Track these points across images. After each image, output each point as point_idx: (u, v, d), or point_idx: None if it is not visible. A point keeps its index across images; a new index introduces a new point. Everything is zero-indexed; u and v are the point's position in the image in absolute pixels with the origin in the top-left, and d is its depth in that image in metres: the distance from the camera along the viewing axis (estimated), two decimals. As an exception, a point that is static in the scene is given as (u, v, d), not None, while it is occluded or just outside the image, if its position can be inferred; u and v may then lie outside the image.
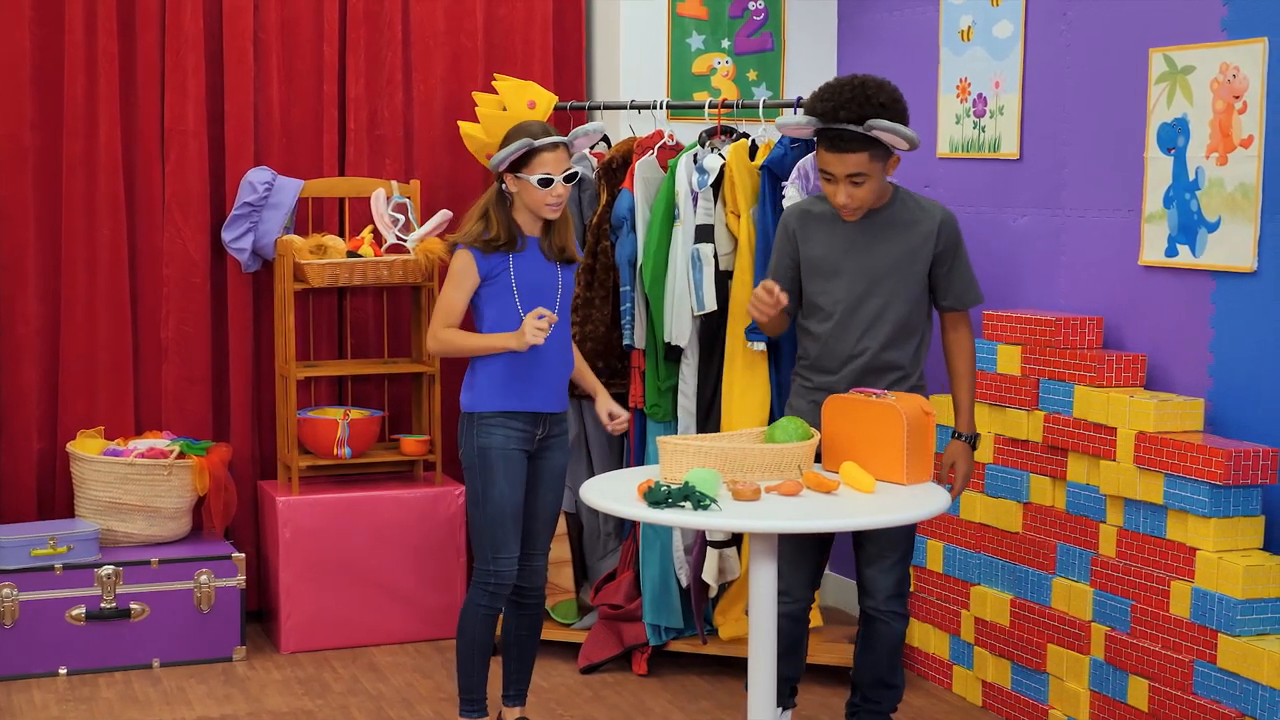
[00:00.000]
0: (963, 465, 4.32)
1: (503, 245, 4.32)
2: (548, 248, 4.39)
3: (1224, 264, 4.42)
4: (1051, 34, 5.08)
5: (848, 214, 4.18)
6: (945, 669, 5.24)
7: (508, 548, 4.37)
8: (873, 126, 4.01)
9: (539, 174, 4.29)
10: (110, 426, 5.69)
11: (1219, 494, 4.18)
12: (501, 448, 4.34)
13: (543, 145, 4.28)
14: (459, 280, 4.35)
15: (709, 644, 5.36)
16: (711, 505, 3.70)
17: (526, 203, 4.34)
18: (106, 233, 5.65)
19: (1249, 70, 4.30)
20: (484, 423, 4.35)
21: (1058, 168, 5.08)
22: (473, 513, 4.41)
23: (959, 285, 4.28)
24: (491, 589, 4.39)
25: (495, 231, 4.32)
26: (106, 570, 5.34)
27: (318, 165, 5.94)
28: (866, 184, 4.11)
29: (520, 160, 4.30)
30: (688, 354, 5.27)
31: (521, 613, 4.56)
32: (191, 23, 5.68)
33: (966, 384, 4.33)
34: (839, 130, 4.05)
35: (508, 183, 4.34)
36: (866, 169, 4.08)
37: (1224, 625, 4.13)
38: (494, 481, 4.34)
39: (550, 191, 4.30)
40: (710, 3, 6.03)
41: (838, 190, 4.12)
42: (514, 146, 4.28)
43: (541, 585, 4.56)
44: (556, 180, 4.30)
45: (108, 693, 5.19)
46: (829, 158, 4.10)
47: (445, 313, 4.37)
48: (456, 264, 4.36)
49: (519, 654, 4.61)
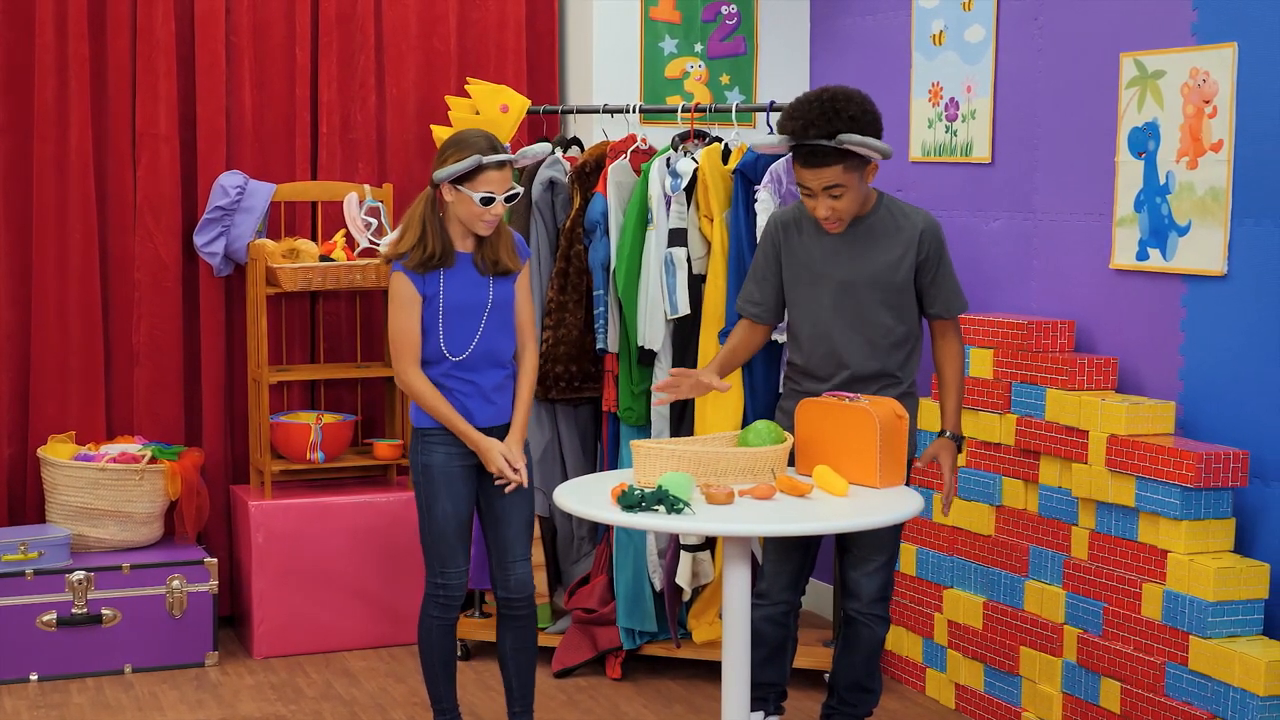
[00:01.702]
0: (947, 459, 4.26)
1: (438, 261, 4.21)
2: (480, 261, 4.28)
3: (1194, 268, 4.44)
4: (1023, 38, 5.10)
5: (830, 226, 4.18)
6: (919, 672, 5.25)
7: (454, 562, 4.34)
8: (843, 141, 4.01)
9: (482, 191, 4.16)
10: (81, 431, 5.67)
11: (1190, 497, 4.20)
12: (443, 465, 4.29)
13: (490, 163, 4.16)
14: (404, 304, 4.22)
15: (683, 648, 5.36)
16: (685, 509, 3.70)
17: (460, 216, 4.22)
18: (78, 237, 5.62)
19: (1219, 75, 4.33)
20: (426, 439, 4.31)
21: (1029, 172, 5.09)
22: (421, 527, 4.37)
23: (944, 293, 4.27)
24: (442, 600, 4.37)
25: (432, 247, 4.20)
26: (78, 576, 5.32)
27: (290, 169, 5.92)
28: (845, 195, 4.11)
29: (460, 177, 4.17)
30: (661, 358, 5.27)
31: (513, 625, 4.46)
32: (163, 26, 5.67)
33: (954, 390, 4.32)
34: (811, 146, 4.05)
35: (444, 192, 4.21)
36: (842, 180, 4.07)
37: (1195, 627, 4.15)
38: (437, 499, 4.30)
39: (490, 210, 4.18)
40: (683, 7, 6.03)
41: (818, 204, 4.12)
42: (465, 163, 4.14)
43: (529, 595, 4.45)
44: (498, 199, 4.18)
45: (79, 699, 5.17)
46: (804, 173, 4.10)
47: (405, 345, 4.23)
48: (399, 289, 4.22)
49: (517, 669, 4.49)
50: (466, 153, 4.16)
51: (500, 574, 4.44)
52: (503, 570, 4.43)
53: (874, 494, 3.99)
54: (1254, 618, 4.15)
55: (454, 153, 4.18)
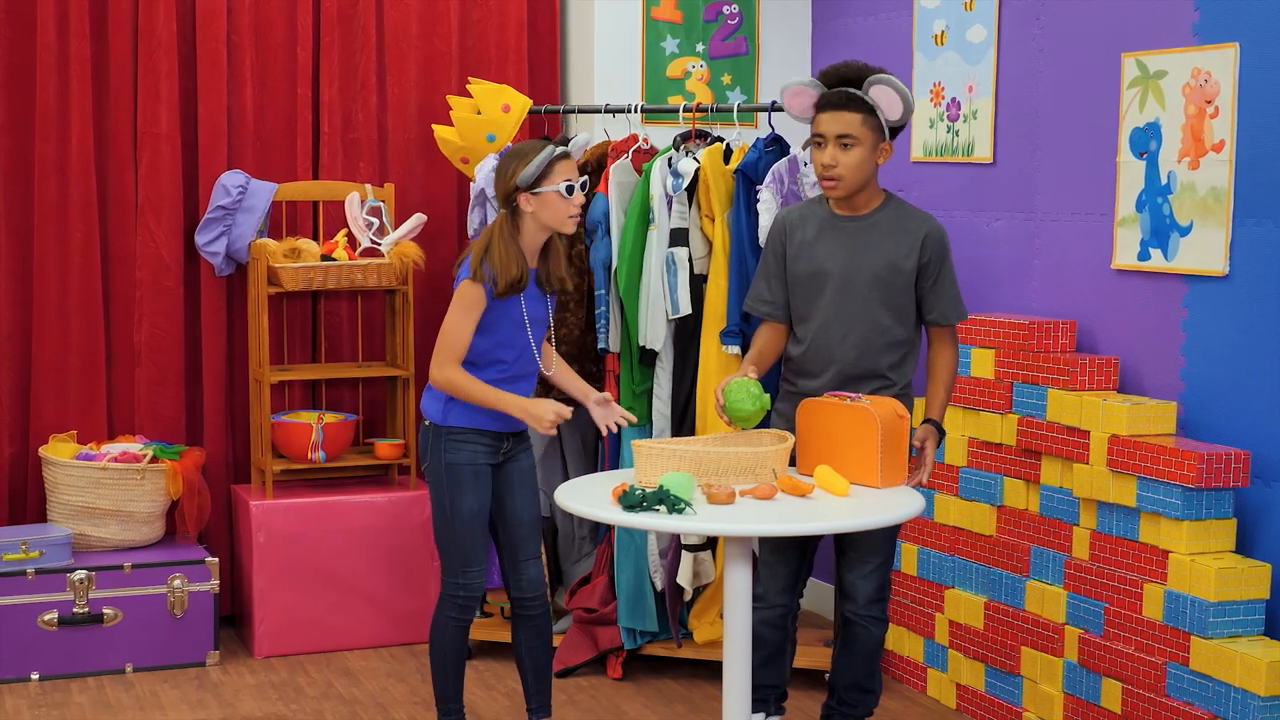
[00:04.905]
0: (931, 443, 4.25)
1: (522, 284, 4.18)
2: (545, 278, 4.28)
3: (1196, 268, 4.44)
4: (1024, 38, 5.10)
5: (828, 185, 4.18)
6: (919, 672, 5.25)
7: (477, 561, 4.34)
8: (873, 82, 4.11)
9: (562, 181, 4.15)
10: (83, 430, 5.67)
11: (1191, 497, 4.20)
12: (470, 463, 4.27)
13: (559, 154, 4.15)
14: (470, 310, 4.16)
15: (684, 648, 5.36)
16: (686, 509, 3.70)
17: (546, 220, 4.18)
18: (79, 236, 5.63)
19: (1220, 75, 4.33)
20: (452, 438, 4.27)
21: (1031, 172, 5.09)
22: (440, 526, 4.34)
23: (944, 300, 4.27)
24: (461, 601, 4.36)
25: (518, 270, 4.15)
26: (79, 575, 5.32)
27: (291, 169, 5.92)
28: (854, 150, 4.14)
29: (539, 176, 4.14)
30: (662, 358, 5.27)
31: (528, 625, 4.46)
32: (164, 26, 5.66)
33: (944, 386, 4.31)
34: (836, 93, 4.13)
35: (523, 203, 4.16)
36: (857, 133, 4.13)
37: (1196, 628, 4.15)
38: (463, 496, 4.28)
39: (574, 200, 4.17)
40: (685, 6, 6.03)
41: (825, 152, 4.15)
42: (539, 158, 4.12)
43: (541, 593, 4.45)
44: (577, 187, 4.18)
45: (80, 698, 5.17)
46: (822, 117, 4.16)
47: (453, 344, 4.18)
48: (469, 295, 4.15)
49: (533, 666, 4.49)
50: (530, 156, 4.15)
51: (512, 573, 4.44)
52: (515, 570, 4.44)
53: (875, 494, 3.99)
54: (1255, 618, 4.15)
55: (517, 162, 4.16)
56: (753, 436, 4.20)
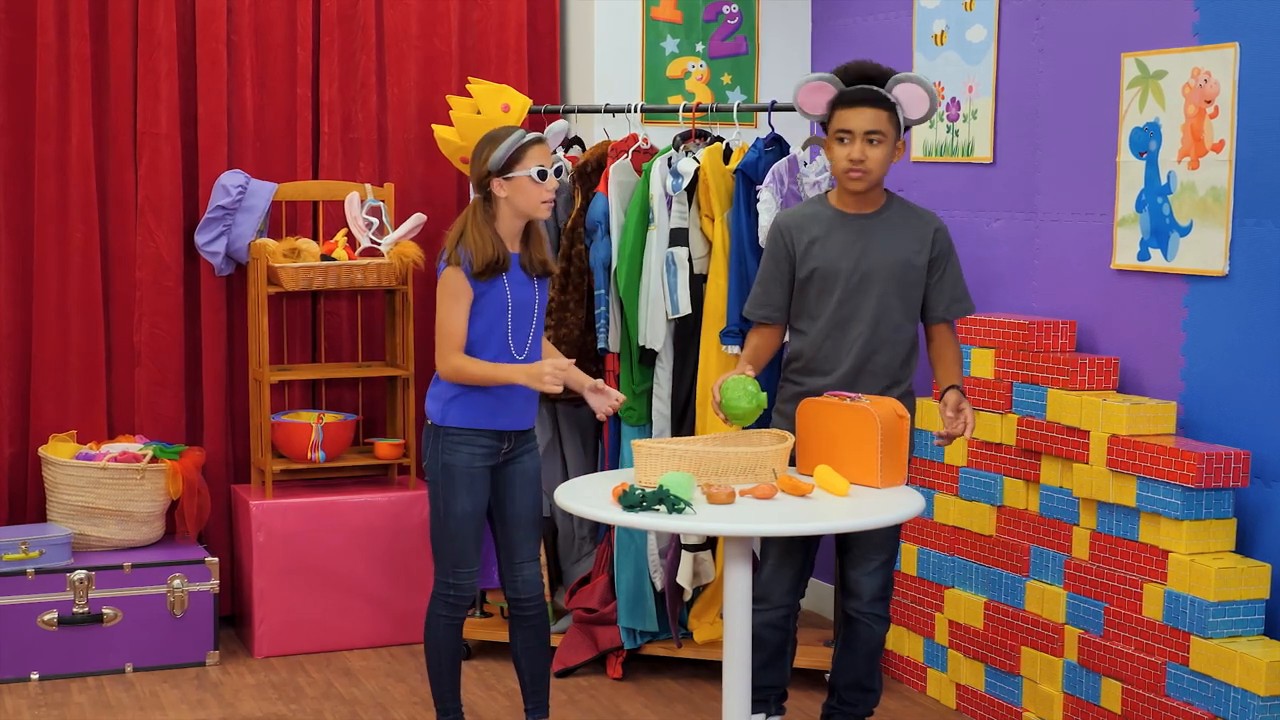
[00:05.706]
0: (967, 404, 4.23)
1: (500, 266, 4.20)
2: (528, 262, 4.29)
3: (1196, 268, 4.44)
4: (1024, 38, 5.10)
5: (854, 179, 4.19)
6: (919, 672, 5.25)
7: (469, 562, 4.34)
8: (899, 80, 4.16)
9: (534, 167, 4.17)
10: (82, 430, 5.67)
11: (1191, 497, 4.20)
12: (466, 465, 4.27)
13: (529, 140, 4.19)
14: (457, 297, 4.18)
15: (684, 647, 5.36)
16: (686, 509, 3.70)
17: (519, 206, 4.20)
18: (79, 236, 5.62)
19: (1220, 75, 4.33)
20: (449, 438, 4.28)
21: (1031, 171, 5.09)
22: (434, 525, 4.35)
23: (950, 294, 4.30)
24: (452, 600, 4.37)
25: (495, 251, 4.18)
26: (79, 575, 5.32)
27: (291, 168, 5.92)
28: (881, 146, 4.18)
29: (509, 161, 4.18)
30: (662, 357, 5.27)
31: (525, 626, 4.47)
32: (164, 26, 5.66)
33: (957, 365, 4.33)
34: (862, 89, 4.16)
35: (495, 188, 4.19)
36: (884, 129, 4.17)
37: (1196, 628, 4.15)
38: (456, 497, 4.28)
39: (547, 185, 4.19)
40: (684, 6, 6.03)
41: (853, 148, 4.16)
42: (508, 142, 4.16)
43: (538, 594, 4.46)
44: (550, 173, 4.21)
45: (80, 698, 5.17)
46: (848, 114, 4.17)
47: (450, 334, 4.19)
48: (452, 283, 4.18)
49: (530, 667, 4.49)
50: (500, 140, 4.20)
51: (509, 575, 4.44)
52: (511, 571, 4.44)
53: (875, 494, 3.99)
54: (1255, 618, 4.15)
55: (489, 147, 4.21)
56: (753, 436, 4.20)
